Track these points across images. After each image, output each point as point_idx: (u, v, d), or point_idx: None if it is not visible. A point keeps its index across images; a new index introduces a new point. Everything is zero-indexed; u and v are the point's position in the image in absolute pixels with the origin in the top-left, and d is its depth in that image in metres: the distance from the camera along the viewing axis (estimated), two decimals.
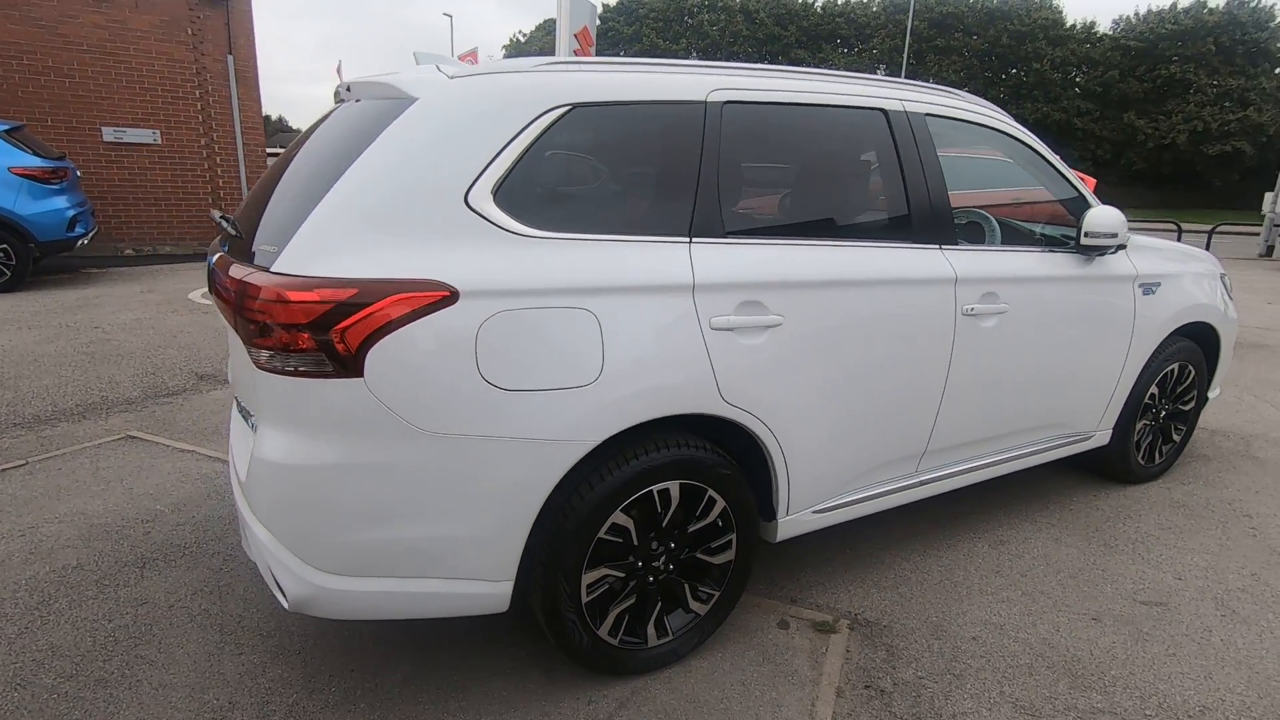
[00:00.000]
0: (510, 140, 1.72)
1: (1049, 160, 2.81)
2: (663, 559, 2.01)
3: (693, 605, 2.09)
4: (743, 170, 2.11)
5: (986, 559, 2.70)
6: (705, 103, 1.97)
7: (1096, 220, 2.65)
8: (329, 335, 1.52)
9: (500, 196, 1.69)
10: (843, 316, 2.12)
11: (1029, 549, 2.78)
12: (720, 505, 2.03)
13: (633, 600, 1.99)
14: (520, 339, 1.66)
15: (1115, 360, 2.96)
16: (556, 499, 1.79)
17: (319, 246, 1.57)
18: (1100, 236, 2.65)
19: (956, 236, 2.42)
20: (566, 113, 1.79)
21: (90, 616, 2.24)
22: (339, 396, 1.56)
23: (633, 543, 1.94)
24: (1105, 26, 37.58)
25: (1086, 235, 2.66)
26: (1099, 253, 2.76)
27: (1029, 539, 2.86)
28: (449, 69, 1.80)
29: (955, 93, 2.61)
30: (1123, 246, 2.80)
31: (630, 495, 1.86)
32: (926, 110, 2.41)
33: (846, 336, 2.13)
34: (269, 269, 1.58)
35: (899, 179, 2.31)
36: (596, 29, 8.10)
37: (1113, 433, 3.15)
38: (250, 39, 10.85)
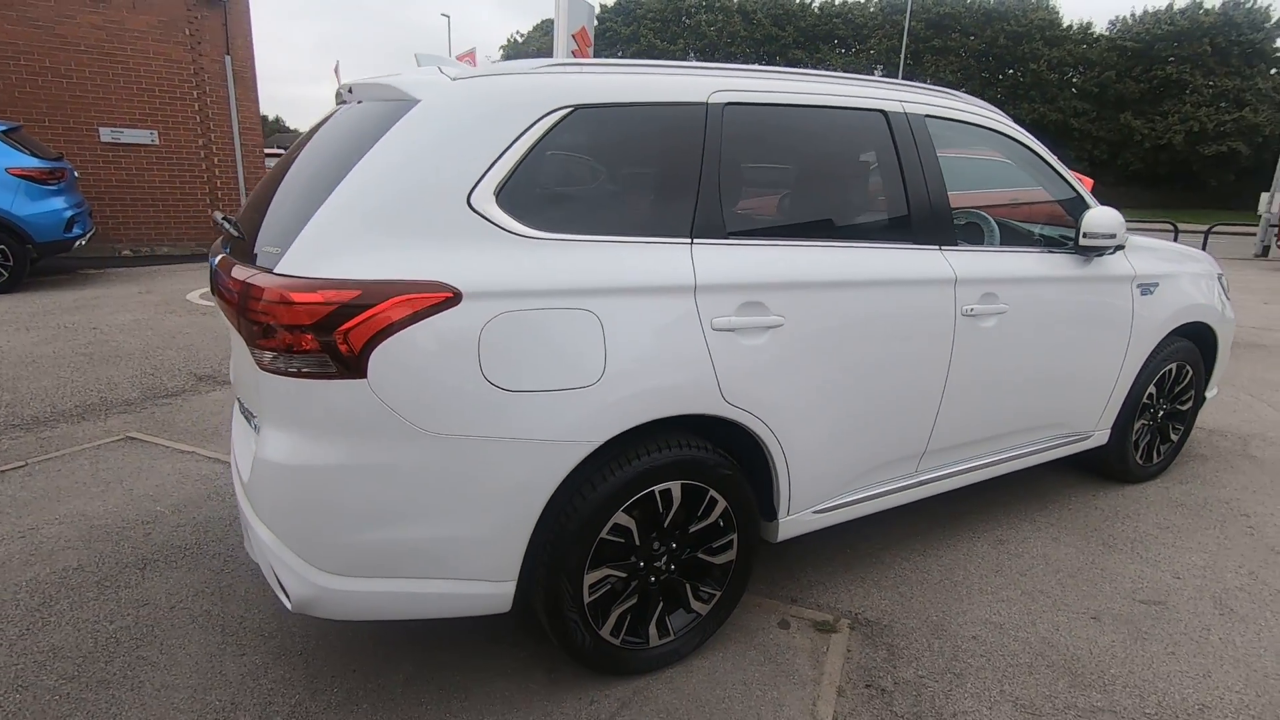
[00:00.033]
0: (512, 142, 1.72)
1: (1047, 161, 2.83)
2: (664, 559, 2.02)
3: (694, 605, 2.10)
4: (744, 171, 2.12)
5: (986, 558, 2.71)
6: (706, 104, 1.97)
7: (1095, 221, 2.66)
8: (332, 336, 1.52)
9: (503, 198, 1.70)
10: (843, 317, 2.13)
11: (1028, 548, 2.79)
12: (721, 505, 2.04)
13: (634, 600, 2.00)
14: (523, 340, 1.66)
15: (1114, 360, 2.98)
16: (559, 499, 1.79)
17: (322, 248, 1.58)
18: (1099, 237, 2.66)
19: (956, 237, 2.43)
20: (568, 114, 1.79)
21: (91, 618, 2.24)
22: (342, 397, 1.57)
23: (635, 543, 1.94)
24: (1102, 27, 37.75)
25: (1085, 236, 2.68)
26: (1097, 253, 2.77)
27: (1028, 538, 2.87)
28: (451, 71, 1.80)
29: (954, 94, 2.62)
30: (1121, 247, 2.81)
31: (632, 495, 1.87)
32: (926, 111, 2.41)
33: (847, 337, 2.14)
34: (272, 270, 1.58)
35: (899, 180, 2.32)
36: (594, 29, 8.11)
37: (1111, 432, 3.16)
38: (248, 39, 10.85)
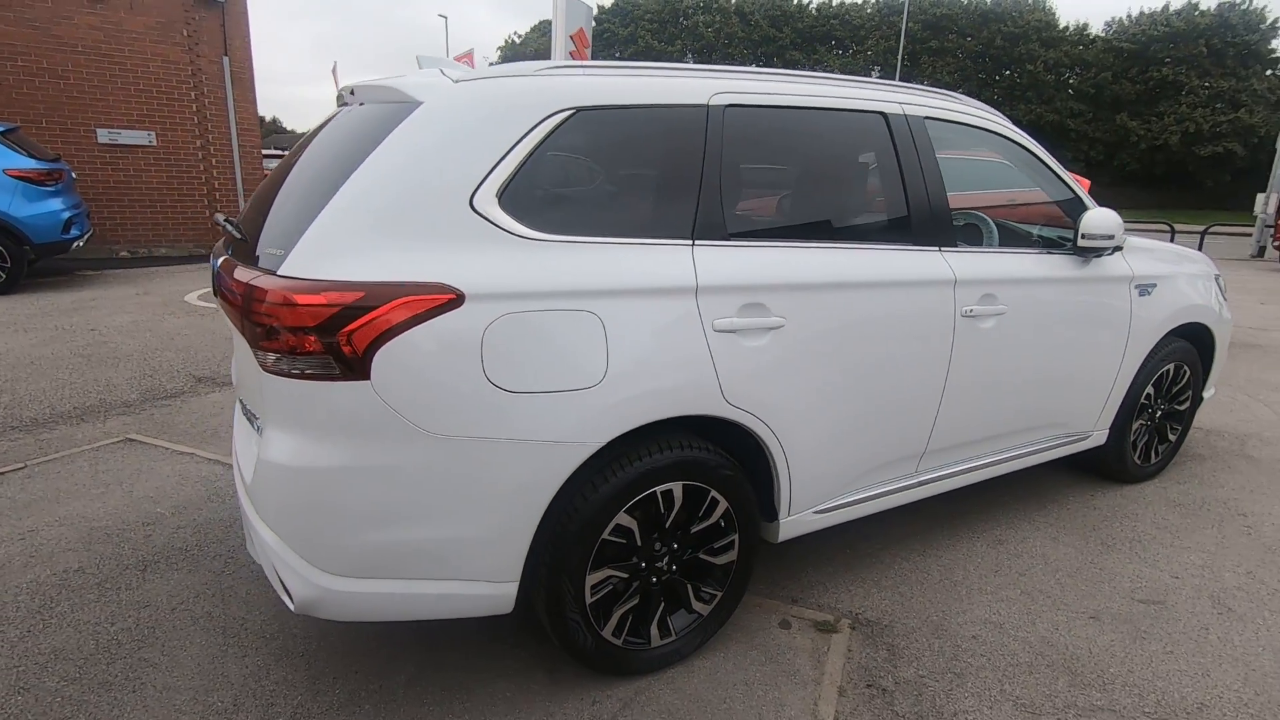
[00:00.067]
0: (515, 144, 1.73)
1: (1045, 163, 2.84)
2: (666, 560, 2.02)
3: (695, 606, 2.10)
4: (745, 173, 2.12)
5: (986, 558, 2.72)
6: (707, 106, 1.98)
7: (1093, 222, 2.67)
8: (336, 338, 1.53)
9: (505, 200, 1.70)
10: (844, 318, 2.13)
11: (1027, 548, 2.80)
12: (723, 506, 2.04)
13: (636, 601, 2.00)
14: (525, 341, 1.67)
15: (1112, 361, 2.99)
16: (561, 500, 1.80)
17: (325, 249, 1.58)
18: (1097, 238, 2.67)
19: (956, 239, 2.44)
20: (570, 116, 1.80)
21: (92, 620, 2.24)
22: (345, 399, 1.57)
23: (636, 544, 1.95)
24: (1098, 28, 37.89)
25: (1084, 237, 2.69)
26: (1096, 254, 2.78)
27: (1027, 538, 2.88)
28: (453, 73, 1.81)
29: (953, 96, 2.64)
30: (1119, 248, 2.82)
31: (634, 496, 1.87)
32: (925, 113, 2.42)
33: (848, 338, 2.15)
34: (276, 272, 1.59)
35: (899, 182, 2.33)
36: (592, 30, 8.12)
37: (1110, 433, 3.18)
38: (246, 40, 10.84)
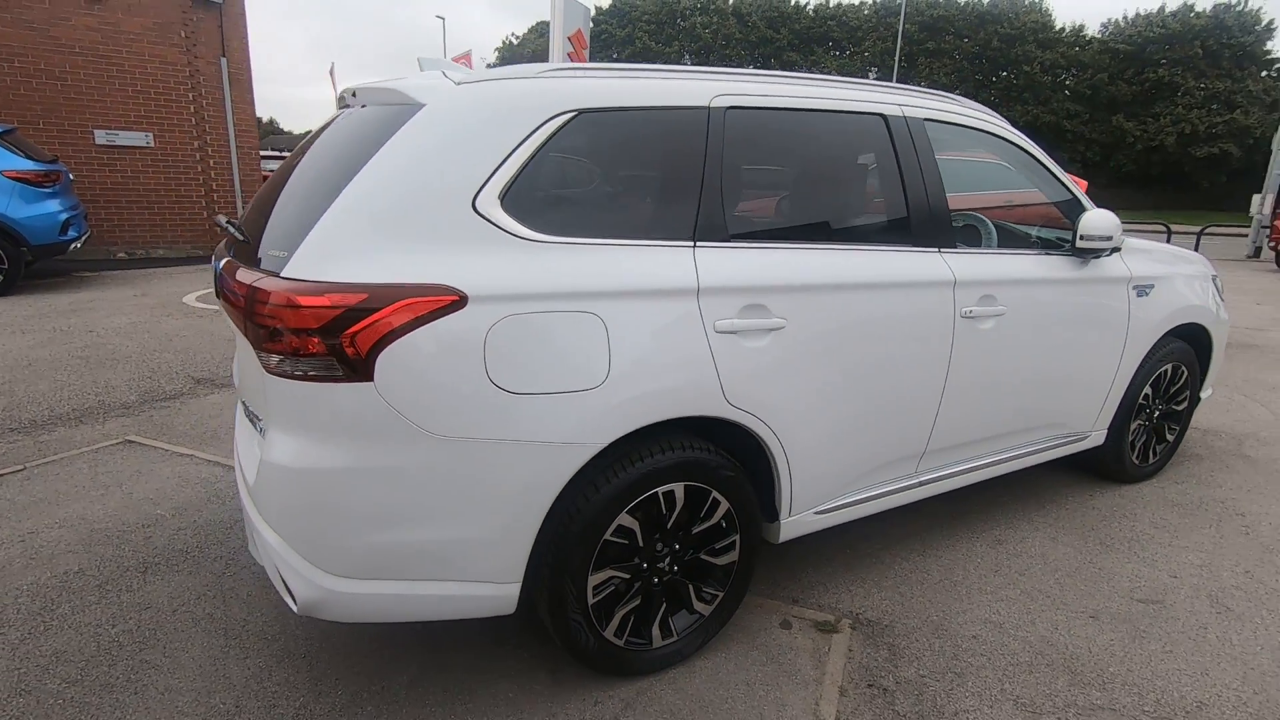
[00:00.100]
0: (517, 146, 1.73)
1: (1044, 164, 2.85)
2: (667, 560, 2.03)
3: (697, 606, 2.11)
4: (746, 175, 2.13)
5: (985, 558, 2.73)
6: (709, 108, 1.99)
7: (1092, 223, 2.68)
8: (339, 340, 1.53)
9: (507, 202, 1.71)
10: (844, 319, 2.14)
11: (1027, 548, 2.81)
12: (724, 507, 2.05)
13: (638, 601, 2.01)
14: (528, 343, 1.67)
15: (1110, 361, 3.00)
16: (564, 501, 1.80)
17: (328, 251, 1.58)
18: (1096, 239, 2.68)
19: (955, 240, 2.45)
20: (572, 118, 1.81)
21: (93, 622, 2.24)
22: (349, 400, 1.57)
23: (638, 544, 1.95)
24: (1094, 30, 38.02)
25: (1082, 238, 2.70)
26: (1094, 255, 2.80)
27: (1026, 538, 2.89)
28: (455, 75, 1.81)
29: (952, 98, 2.65)
30: (1117, 249, 2.83)
31: (636, 497, 1.88)
32: (925, 115, 2.43)
33: (848, 339, 2.16)
34: (279, 274, 1.59)
35: (899, 183, 2.33)
36: (590, 31, 8.13)
37: (1108, 433, 3.19)
38: (243, 41, 10.83)
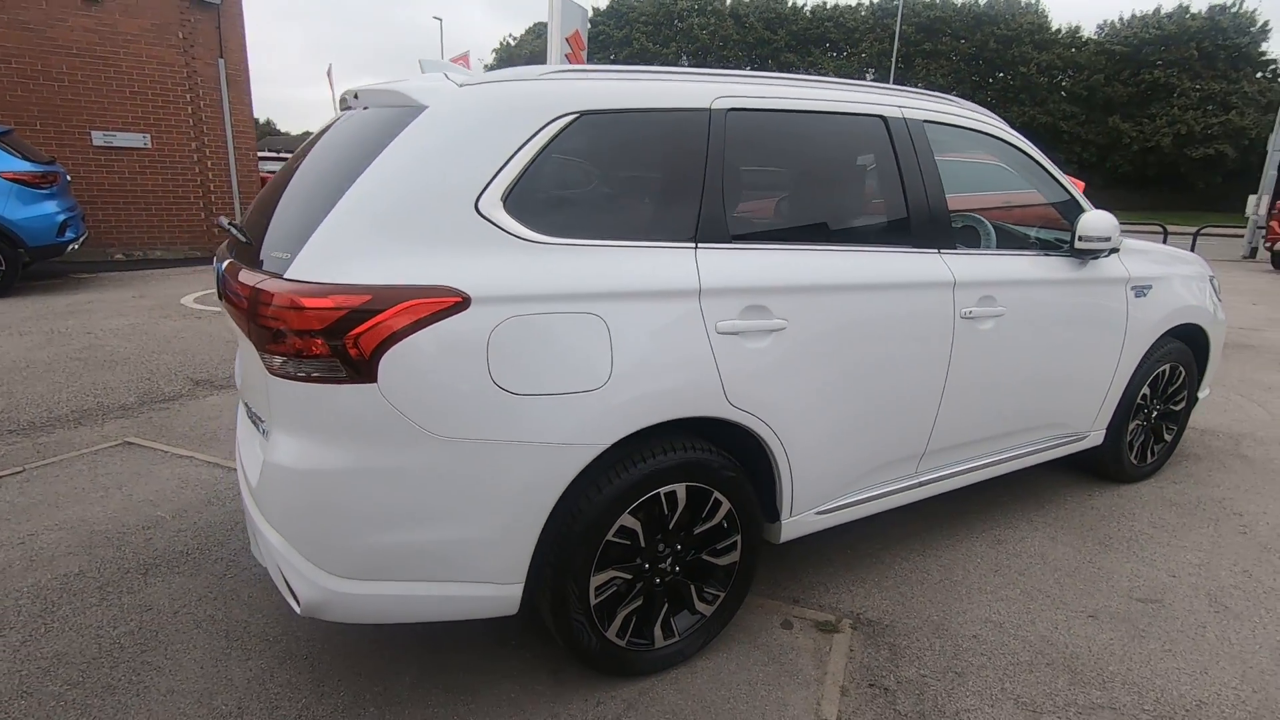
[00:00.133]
0: (519, 148, 1.74)
1: (1042, 165, 2.86)
2: (669, 561, 2.03)
3: (699, 606, 2.11)
4: (747, 176, 2.14)
5: (985, 558, 2.74)
6: (710, 110, 1.99)
7: (1090, 224, 2.70)
8: (343, 341, 1.53)
9: (510, 203, 1.71)
10: (845, 320, 2.15)
11: (1026, 548, 2.82)
12: (725, 507, 2.06)
13: (640, 602, 2.01)
14: (531, 344, 1.68)
15: (1109, 362, 3.01)
16: (566, 502, 1.80)
17: (332, 253, 1.59)
18: (1094, 240, 2.70)
19: (955, 241, 2.46)
20: (574, 120, 1.81)
21: (94, 623, 2.23)
22: (352, 402, 1.58)
23: (640, 545, 1.96)
24: (1090, 31, 38.15)
25: (1081, 239, 2.71)
26: (1092, 256, 2.81)
27: (1026, 538, 2.90)
28: (458, 77, 1.82)
29: (951, 99, 2.66)
30: (1115, 250, 2.85)
31: (638, 498, 1.88)
32: (924, 116, 2.44)
33: (849, 339, 2.16)
34: (282, 275, 1.59)
35: (898, 185, 2.34)
36: (587, 32, 8.14)
37: (1106, 433, 3.20)
38: (241, 42, 10.83)
